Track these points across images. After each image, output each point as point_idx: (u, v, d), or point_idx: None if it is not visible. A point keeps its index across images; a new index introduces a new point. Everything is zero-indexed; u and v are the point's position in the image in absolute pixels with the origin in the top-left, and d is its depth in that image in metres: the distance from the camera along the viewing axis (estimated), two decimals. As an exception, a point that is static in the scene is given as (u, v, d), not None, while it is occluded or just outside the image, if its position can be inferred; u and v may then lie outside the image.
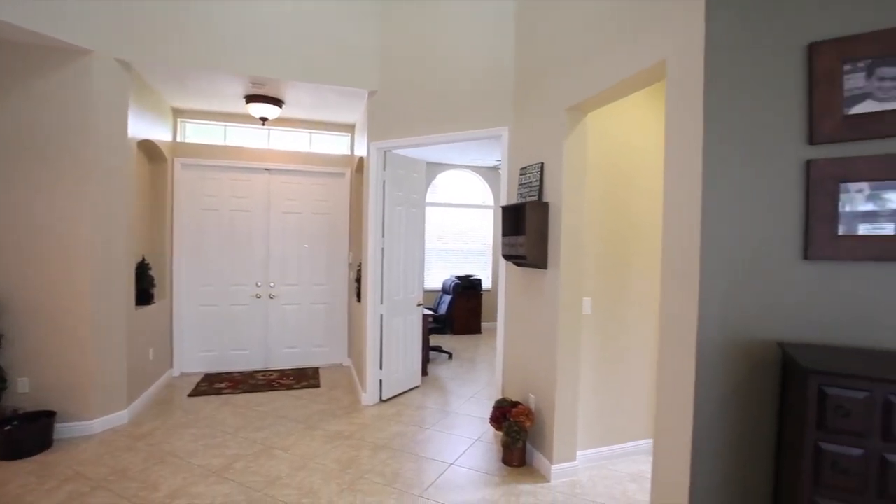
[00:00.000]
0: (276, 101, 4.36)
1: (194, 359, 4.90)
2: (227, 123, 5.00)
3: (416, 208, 4.59)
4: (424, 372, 4.99)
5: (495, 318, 6.70)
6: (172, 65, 3.53)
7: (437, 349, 5.95)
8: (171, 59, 3.50)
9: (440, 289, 7.59)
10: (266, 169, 5.04)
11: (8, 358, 3.15)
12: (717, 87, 1.72)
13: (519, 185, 3.22)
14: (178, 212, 4.75)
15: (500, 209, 3.29)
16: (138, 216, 4.03)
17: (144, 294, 4.05)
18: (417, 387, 4.62)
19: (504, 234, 3.21)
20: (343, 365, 5.36)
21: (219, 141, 4.98)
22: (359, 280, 4.66)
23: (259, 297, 5.07)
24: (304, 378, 4.81)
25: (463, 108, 3.62)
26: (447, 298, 6.90)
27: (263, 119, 4.46)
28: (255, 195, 5.05)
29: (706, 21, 1.73)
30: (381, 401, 4.16)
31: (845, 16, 1.54)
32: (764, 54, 1.66)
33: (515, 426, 2.93)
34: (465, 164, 7.69)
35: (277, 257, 5.13)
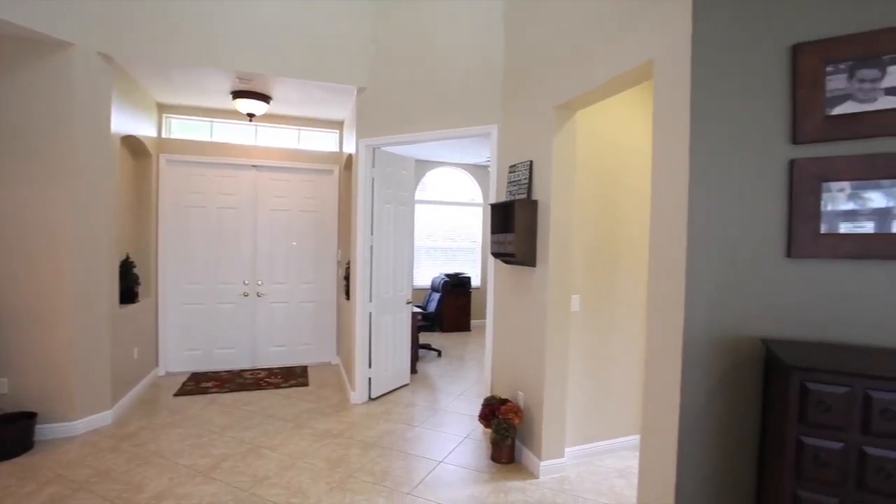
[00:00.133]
0: (264, 97, 4.31)
1: (180, 358, 4.84)
2: (214, 119, 4.93)
3: (406, 206, 4.58)
4: (414, 370, 4.98)
5: (484, 316, 6.73)
6: (157, 59, 3.47)
7: (427, 347, 5.95)
8: (156, 54, 3.44)
9: (429, 286, 7.59)
10: (253, 166, 4.99)
11: (-14, 358, 3.08)
12: (704, 86, 1.74)
13: (508, 182, 3.23)
14: (164, 209, 4.68)
15: (490, 207, 3.30)
16: (122, 213, 3.96)
17: (129, 292, 3.98)
18: (407, 385, 4.62)
19: (493, 232, 3.22)
20: (332, 363, 5.33)
21: (205, 137, 4.92)
22: (347, 278, 4.63)
23: (247, 295, 5.02)
24: (293, 376, 4.78)
25: (452, 105, 3.61)
26: (436, 296, 6.90)
27: (250, 115, 4.41)
28: (243, 192, 4.99)
29: (693, 21, 1.75)
30: (370, 399, 4.15)
31: (828, 18, 1.57)
32: (750, 55, 1.68)
33: (504, 423, 2.94)
34: (455, 161, 7.69)
35: (265, 255, 5.08)
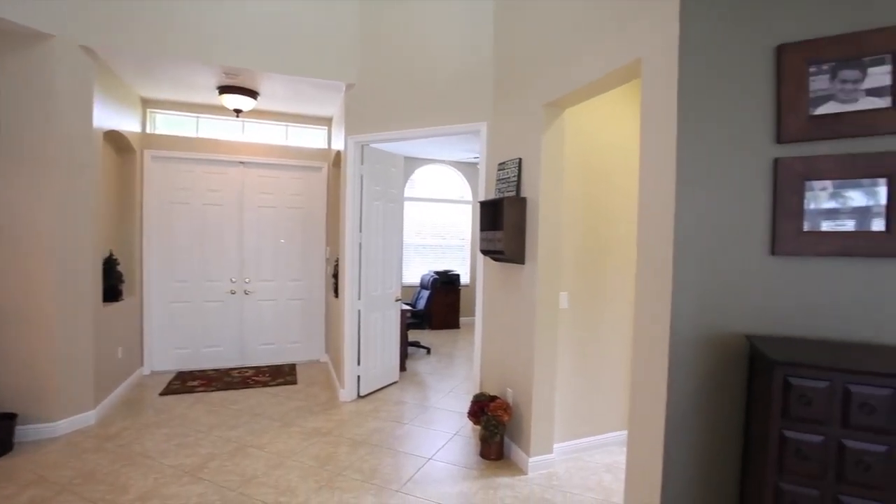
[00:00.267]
0: (251, 93, 4.25)
1: (166, 357, 4.77)
2: (200, 115, 4.86)
3: (394, 203, 4.57)
4: (403, 367, 4.98)
5: (473, 313, 6.73)
6: (140, 53, 3.40)
7: (416, 344, 5.95)
8: (140, 47, 3.37)
9: (418, 284, 7.58)
10: (240, 162, 4.92)
11: (-36, 358, 3.01)
12: (692, 86, 1.76)
13: (497, 180, 3.24)
14: (148, 205, 4.60)
15: (479, 204, 3.30)
16: (105, 209, 3.88)
17: (112, 290, 3.92)
18: (395, 382, 4.61)
19: (482, 229, 3.22)
20: (320, 361, 5.31)
21: (191, 133, 4.84)
22: (336, 275, 4.61)
23: (234, 293, 4.96)
24: (281, 375, 4.75)
25: (442, 102, 3.60)
26: (425, 293, 6.89)
27: (237, 111, 4.35)
28: (229, 189, 4.93)
29: (681, 20, 1.76)
30: (359, 397, 4.13)
31: (812, 20, 1.59)
32: (736, 54, 1.70)
33: (493, 420, 2.95)
34: (444, 159, 7.68)
35: (253, 252, 5.03)
